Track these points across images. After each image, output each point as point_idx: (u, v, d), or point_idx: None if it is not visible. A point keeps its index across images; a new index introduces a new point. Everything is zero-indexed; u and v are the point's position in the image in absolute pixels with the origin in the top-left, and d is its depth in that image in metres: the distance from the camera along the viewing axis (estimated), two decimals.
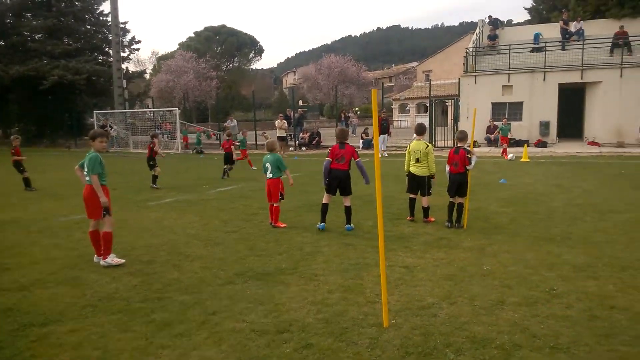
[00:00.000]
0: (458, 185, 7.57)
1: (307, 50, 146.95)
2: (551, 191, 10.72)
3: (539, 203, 9.38)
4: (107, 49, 34.94)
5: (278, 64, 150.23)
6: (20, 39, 33.28)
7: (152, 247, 7.05)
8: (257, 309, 4.68)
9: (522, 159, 17.10)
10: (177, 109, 27.86)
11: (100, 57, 36.17)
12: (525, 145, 18.65)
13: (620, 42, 21.43)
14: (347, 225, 7.63)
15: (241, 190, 12.04)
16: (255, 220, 8.53)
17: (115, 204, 10.44)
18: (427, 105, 23.55)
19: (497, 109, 22.46)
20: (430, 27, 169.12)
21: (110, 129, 29.33)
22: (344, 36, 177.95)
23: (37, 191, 12.78)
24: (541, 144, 21.25)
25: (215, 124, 30.39)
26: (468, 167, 7.60)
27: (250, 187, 12.50)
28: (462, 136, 7.85)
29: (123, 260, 6.27)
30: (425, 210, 8.04)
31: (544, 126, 21.62)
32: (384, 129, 20.16)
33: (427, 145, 7.87)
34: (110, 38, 31.97)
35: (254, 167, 15.84)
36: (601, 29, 24.20)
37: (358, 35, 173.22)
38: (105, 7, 34.86)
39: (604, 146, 20.31)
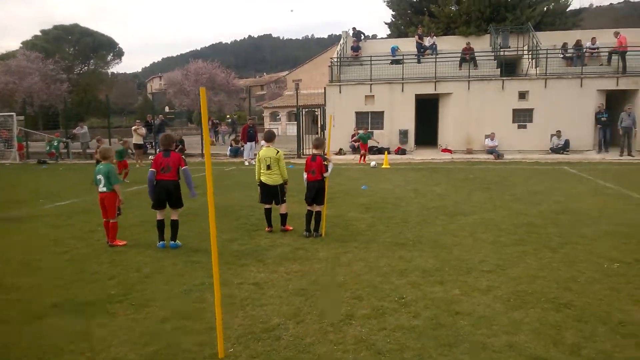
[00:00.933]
0: (316, 192, 7.33)
1: (174, 55, 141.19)
2: (408, 196, 11.10)
3: (396, 208, 9.59)
4: None
5: (143, 69, 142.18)
6: None
7: None
8: (67, 348, 3.81)
9: (383, 166, 17.80)
10: (14, 114, 24.24)
11: None
12: (386, 152, 19.50)
13: (467, 57, 23.61)
14: (172, 242, 6.84)
15: (83, 204, 10.58)
16: (92, 239, 7.42)
17: None
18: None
19: (361, 118, 23.27)
20: (300, 38, 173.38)
21: None
22: (214, 43, 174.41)
23: None
24: (401, 151, 22.47)
25: (65, 131, 27.16)
26: (325, 174, 7.39)
27: (94, 199, 11.03)
28: (319, 143, 7.67)
29: None
30: (283, 218, 7.68)
31: (403, 134, 22.90)
32: (252, 136, 19.67)
33: (277, 152, 7.52)
34: None
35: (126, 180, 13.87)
36: (451, 44, 26.47)
37: (229, 43, 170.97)
38: None
39: (456, 153, 22.11)
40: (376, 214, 9.00)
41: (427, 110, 24.06)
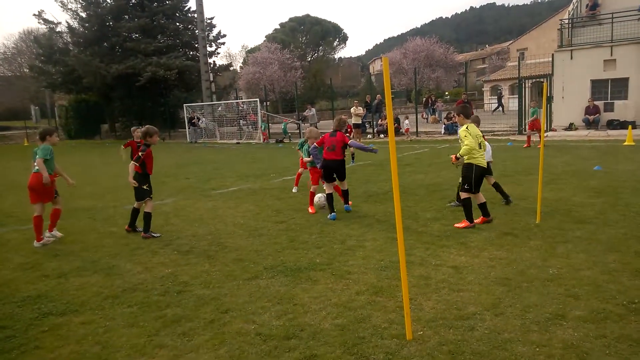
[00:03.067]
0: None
1: (395, 35, 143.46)
2: None
3: (637, 193, 7.92)
4: (195, 45, 36.38)
5: (366, 52, 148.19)
6: (119, 39, 35.81)
7: (196, 236, 6.93)
8: (273, 308, 4.25)
9: (625, 143, 14.93)
10: (257, 100, 28.22)
11: (191, 53, 37.84)
12: (630, 127, 16.27)
13: None
14: (346, 206, 7.85)
15: (305, 179, 11.67)
16: (307, 211, 8.12)
17: (180, 193, 10.78)
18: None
19: (598, 87, 19.87)
20: (529, 3, 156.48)
21: (199, 121, 30.62)
22: (434, 18, 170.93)
23: (119, 182, 13.44)
24: None
25: (297, 114, 30.49)
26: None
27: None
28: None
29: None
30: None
31: None
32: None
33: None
34: (197, 34, 33.23)
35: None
36: None
37: (449, 17, 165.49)
38: (192, 4, 36.31)
39: None
40: (609, 199, 7.59)
41: None
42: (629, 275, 4.44)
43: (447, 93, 52.67)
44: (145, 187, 6.92)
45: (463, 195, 6.45)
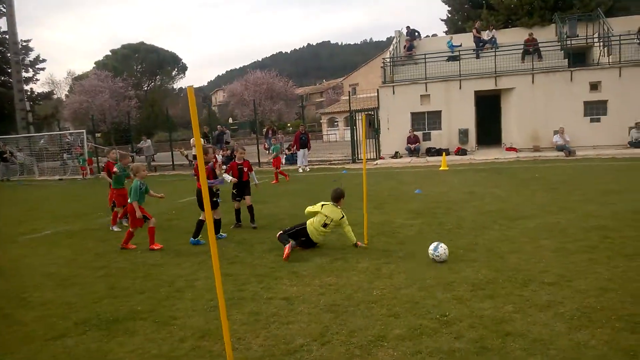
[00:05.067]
0: None
1: (237, 67, 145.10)
2: (463, 199, 10.34)
3: (449, 213, 8.90)
4: (8, 69, 32.07)
5: (208, 82, 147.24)
6: None
7: None
8: None
9: (441, 168, 16.96)
10: (84, 131, 25.72)
11: (2, 78, 33.22)
12: (444, 153, 18.62)
13: (530, 49, 22.17)
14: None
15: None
16: (135, 252, 7.39)
17: None
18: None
19: (417, 119, 22.46)
20: (359, 43, 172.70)
21: (11, 155, 26.70)
22: (274, 53, 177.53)
23: None
24: (461, 151, 21.41)
25: (132, 145, 28.45)
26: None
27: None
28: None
29: None
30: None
31: (463, 134, 21.83)
32: (304, 143, 19.47)
33: (343, 216, 6.71)
34: (10, 57, 29.35)
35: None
36: (512, 37, 25.05)
37: (289, 52, 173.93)
38: (3, 24, 32.13)
39: (522, 151, 20.72)
40: (426, 219, 8.37)
41: (488, 108, 22.87)
42: (442, 290, 4.82)
43: (288, 124, 54.59)
44: None
45: None
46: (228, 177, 8.57)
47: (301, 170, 19.15)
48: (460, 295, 4.63)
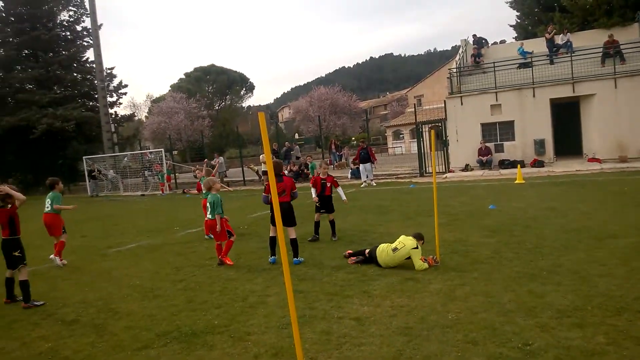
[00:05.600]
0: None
1: (302, 84, 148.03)
2: (544, 215, 9.78)
3: (528, 230, 8.44)
4: (95, 95, 34.73)
5: (275, 100, 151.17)
6: (10, 91, 33.30)
7: (85, 303, 6.26)
8: None
9: (516, 181, 16.21)
10: (162, 150, 27.28)
11: (90, 103, 36.02)
12: (519, 166, 17.78)
13: (611, 51, 20.79)
14: (295, 259, 7.28)
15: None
16: (211, 266, 7.67)
17: (74, 253, 9.75)
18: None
19: (488, 130, 21.65)
20: (422, 53, 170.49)
21: (99, 173, 28.79)
22: (337, 68, 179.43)
23: None
24: (537, 163, 20.34)
25: (206, 163, 29.77)
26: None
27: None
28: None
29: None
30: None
31: (539, 144, 20.77)
32: (364, 158, 19.24)
33: (417, 247, 6.51)
34: (97, 84, 31.78)
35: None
36: (589, 40, 23.61)
37: (351, 66, 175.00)
38: (91, 55, 34.86)
39: (606, 162, 19.35)
40: (503, 237, 8.00)
41: (566, 116, 21.65)
42: (523, 315, 4.56)
43: (353, 138, 54.65)
44: (17, 253, 6.23)
45: None
46: (313, 192, 8.97)
47: (364, 185, 19.06)
48: (544, 322, 4.35)
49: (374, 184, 19.18)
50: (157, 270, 7.75)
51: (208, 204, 7.79)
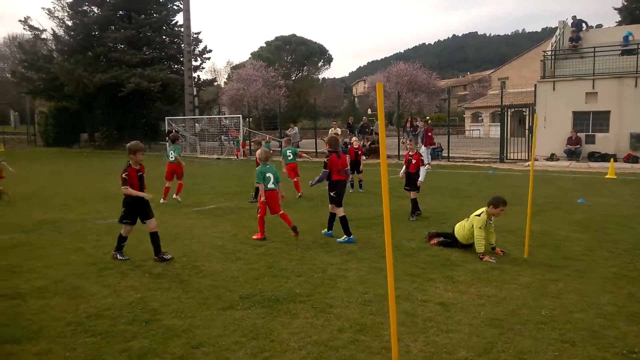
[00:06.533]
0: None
1: (379, 59, 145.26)
2: (639, 215, 9.05)
3: (623, 229, 7.84)
4: (180, 58, 36.06)
5: (350, 73, 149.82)
6: (103, 49, 35.27)
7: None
8: (249, 344, 3.91)
9: (607, 176, 15.07)
10: (240, 116, 27.95)
11: (175, 66, 37.48)
12: (612, 160, 16.49)
13: None
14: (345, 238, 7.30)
15: (285, 200, 11.36)
16: (287, 233, 7.79)
17: (156, 209, 10.26)
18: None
19: (580, 119, 20.21)
20: (510, 34, 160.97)
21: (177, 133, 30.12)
22: (417, 44, 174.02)
23: (92, 193, 12.92)
24: (631, 158, 18.80)
25: (279, 132, 30.28)
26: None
27: (296, 195, 11.74)
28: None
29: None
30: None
31: (635, 139, 19.11)
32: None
33: (480, 214, 6.37)
34: (183, 48, 32.93)
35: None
36: None
37: (432, 43, 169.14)
38: (180, 19, 36.06)
39: None
40: (596, 235, 7.48)
41: None
42: (625, 320, 4.24)
43: (427, 118, 53.18)
44: (126, 209, 6.39)
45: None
46: (401, 171, 9.10)
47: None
48: None
49: (429, 168, 18.74)
50: (235, 233, 7.99)
51: (270, 175, 7.47)
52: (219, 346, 3.89)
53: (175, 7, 37.65)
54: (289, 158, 11.89)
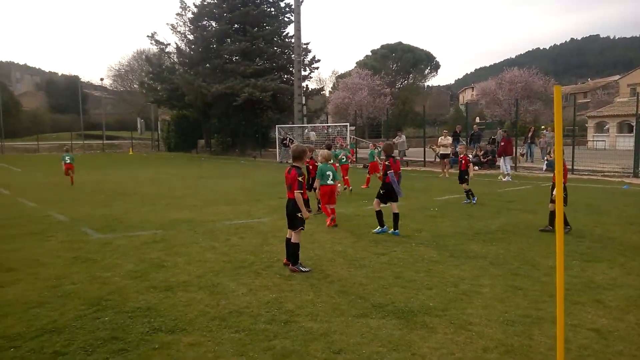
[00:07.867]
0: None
1: (487, 65, 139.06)
2: None
3: None
4: (290, 68, 37.54)
5: (455, 81, 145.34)
6: (220, 61, 37.89)
7: None
8: (389, 356, 3.87)
9: None
10: (347, 124, 28.34)
11: (285, 76, 39.09)
12: None
13: None
14: (395, 231, 8.39)
15: (400, 208, 11.22)
16: (409, 244, 7.67)
17: (275, 212, 10.70)
18: (633, 124, 19.58)
19: None
20: (638, 36, 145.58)
21: (290, 142, 31.29)
22: (530, 49, 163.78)
23: (216, 196, 13.81)
24: None
25: (385, 140, 30.20)
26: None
27: (411, 205, 11.55)
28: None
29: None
30: None
31: None
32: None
33: None
34: (293, 58, 34.22)
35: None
36: None
37: (547, 48, 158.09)
38: (290, 30, 37.62)
39: None
40: None
41: None
42: None
43: (542, 127, 49.64)
44: (300, 215, 6.28)
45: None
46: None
47: (504, 179, 17.56)
48: None
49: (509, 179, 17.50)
50: (356, 240, 8.03)
51: (329, 172, 8.85)
52: (359, 354, 3.90)
53: (286, 19, 39.36)
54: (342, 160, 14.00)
